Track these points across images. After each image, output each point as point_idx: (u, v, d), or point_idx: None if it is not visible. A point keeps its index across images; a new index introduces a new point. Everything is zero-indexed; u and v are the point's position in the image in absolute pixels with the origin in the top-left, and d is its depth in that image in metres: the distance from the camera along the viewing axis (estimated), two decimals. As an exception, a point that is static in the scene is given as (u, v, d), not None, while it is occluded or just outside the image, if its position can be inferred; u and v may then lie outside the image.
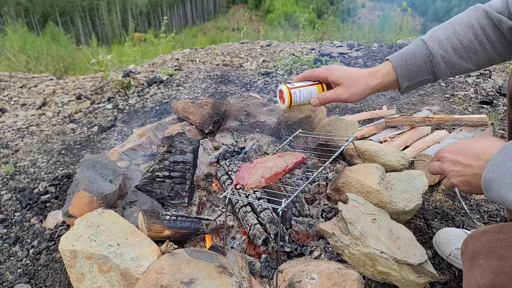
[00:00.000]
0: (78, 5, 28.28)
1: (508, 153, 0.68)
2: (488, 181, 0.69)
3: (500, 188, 0.67)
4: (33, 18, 24.12)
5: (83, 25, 28.04)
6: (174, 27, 19.64)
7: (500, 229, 0.72)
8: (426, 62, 0.99)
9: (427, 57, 0.98)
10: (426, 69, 1.00)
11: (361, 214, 1.32)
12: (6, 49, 6.38)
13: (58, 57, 7.52)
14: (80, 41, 14.51)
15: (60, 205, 1.79)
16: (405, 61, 1.00)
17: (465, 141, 0.80)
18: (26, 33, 9.05)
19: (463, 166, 0.77)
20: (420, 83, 1.04)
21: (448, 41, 0.97)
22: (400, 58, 1.01)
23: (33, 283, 1.36)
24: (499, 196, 0.67)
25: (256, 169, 1.32)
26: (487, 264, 0.67)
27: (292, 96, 1.09)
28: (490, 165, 0.69)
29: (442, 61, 0.98)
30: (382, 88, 1.04)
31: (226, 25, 27.06)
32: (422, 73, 1.01)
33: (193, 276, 1.10)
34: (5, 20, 11.87)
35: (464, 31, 0.96)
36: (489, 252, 0.69)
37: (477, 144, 0.77)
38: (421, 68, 1.00)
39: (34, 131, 2.76)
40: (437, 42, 0.98)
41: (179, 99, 3.03)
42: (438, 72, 1.00)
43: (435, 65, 0.98)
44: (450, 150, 0.81)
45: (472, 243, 0.74)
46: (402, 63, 1.01)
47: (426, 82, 1.04)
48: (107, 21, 27.80)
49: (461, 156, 0.78)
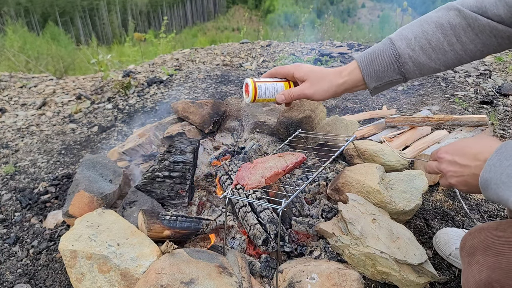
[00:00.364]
0: (78, 5, 28.28)
1: (505, 153, 0.69)
2: (486, 180, 0.70)
3: (497, 187, 0.67)
4: (33, 18, 24.11)
5: (83, 25, 28.04)
6: (174, 27, 19.64)
7: (497, 226, 0.73)
8: (393, 62, 0.95)
9: (394, 57, 0.94)
10: (393, 69, 0.96)
11: (361, 214, 1.32)
12: (6, 49, 6.38)
13: (58, 57, 7.52)
14: (80, 41, 14.51)
15: (60, 205, 1.79)
16: (371, 60, 0.97)
17: (461, 141, 0.80)
18: (26, 33, 9.05)
19: (460, 166, 0.77)
20: (389, 83, 0.99)
21: (416, 40, 0.93)
22: (366, 58, 0.98)
23: (33, 283, 1.36)
24: (496, 195, 0.68)
25: (256, 169, 1.32)
26: (484, 260, 0.68)
27: (257, 90, 1.06)
28: (487, 165, 0.70)
29: (410, 60, 0.94)
30: (348, 87, 1.00)
31: (226, 25, 27.07)
32: (390, 73, 0.96)
33: (193, 276, 1.10)
34: (5, 20, 11.88)
35: (433, 31, 0.92)
36: (486, 248, 0.70)
37: (474, 144, 0.77)
38: (388, 68, 0.96)
39: (34, 131, 2.76)
40: (405, 41, 0.94)
41: (179, 99, 3.03)
42: (406, 72, 0.95)
43: (402, 65, 0.94)
44: (447, 151, 0.80)
45: (470, 240, 0.75)
46: (368, 63, 0.97)
47: (396, 82, 0.99)
48: (107, 21, 27.80)
49: (458, 156, 0.77)
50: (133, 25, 13.17)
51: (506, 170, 0.66)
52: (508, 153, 0.68)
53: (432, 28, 0.93)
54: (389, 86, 1.00)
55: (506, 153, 0.68)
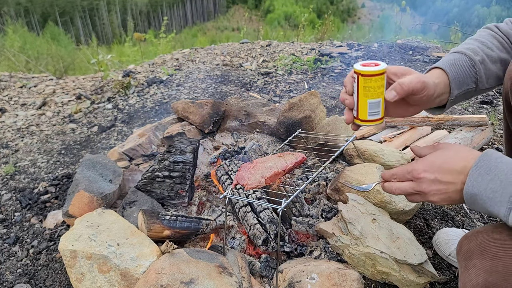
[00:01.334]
0: (78, 5, 28.29)
1: (484, 167, 0.70)
2: (471, 196, 0.71)
3: (484, 203, 0.69)
4: (33, 18, 24.12)
5: (83, 25, 28.04)
6: (174, 27, 19.65)
7: (493, 229, 0.73)
8: (470, 67, 0.90)
9: (469, 62, 0.90)
10: (470, 75, 0.91)
11: (361, 214, 1.32)
12: (6, 49, 6.38)
13: (58, 57, 7.52)
14: (80, 41, 14.51)
15: (60, 205, 1.79)
16: (452, 64, 0.90)
17: (438, 158, 0.77)
18: (26, 33, 9.05)
19: (444, 184, 0.75)
20: (465, 93, 0.93)
21: (480, 49, 0.93)
22: (447, 63, 0.91)
23: (33, 283, 1.36)
24: (485, 210, 0.70)
25: (256, 169, 1.32)
26: (481, 263, 0.68)
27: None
28: (469, 180, 0.71)
29: (481, 66, 0.91)
30: (439, 92, 0.87)
31: (226, 25, 27.07)
32: (468, 79, 0.91)
33: (193, 276, 1.10)
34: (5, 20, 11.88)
35: (490, 40, 0.94)
36: (483, 252, 0.70)
37: (454, 160, 0.75)
38: (467, 74, 0.90)
39: (34, 131, 2.76)
40: (470, 51, 0.92)
41: (179, 99, 3.03)
42: (479, 78, 0.92)
43: (477, 71, 0.91)
44: (425, 169, 0.77)
45: (466, 244, 0.75)
46: (451, 66, 0.90)
47: (469, 93, 0.93)
48: (107, 21, 27.80)
49: (441, 174, 0.75)
50: (132, 24, 13.16)
51: (489, 185, 0.68)
52: (487, 166, 0.69)
53: (489, 39, 0.95)
54: (463, 98, 0.94)
55: (485, 166, 0.70)
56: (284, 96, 3.07)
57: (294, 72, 3.67)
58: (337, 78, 3.51)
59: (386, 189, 0.85)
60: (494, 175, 0.68)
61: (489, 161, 0.70)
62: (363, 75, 0.81)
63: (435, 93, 0.85)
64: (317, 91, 2.73)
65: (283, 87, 3.26)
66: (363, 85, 0.82)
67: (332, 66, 3.77)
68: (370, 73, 0.81)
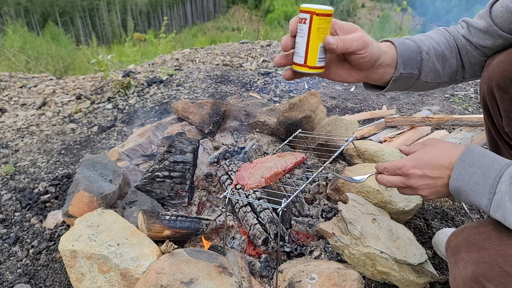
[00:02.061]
0: (78, 5, 28.28)
1: (468, 160, 0.74)
2: (455, 189, 0.76)
3: (467, 195, 0.73)
4: (33, 18, 24.11)
5: (83, 25, 28.03)
6: (174, 27, 19.65)
7: (479, 224, 0.75)
8: (417, 53, 0.89)
9: (417, 48, 0.89)
10: (416, 60, 0.89)
11: (361, 214, 1.32)
12: (6, 49, 6.38)
13: (58, 57, 7.53)
14: (80, 41, 14.51)
15: (60, 205, 1.79)
16: (401, 43, 0.88)
17: (425, 154, 0.82)
18: (26, 33, 9.06)
19: (433, 179, 0.79)
20: (407, 78, 0.90)
21: (427, 41, 0.92)
22: (397, 41, 0.88)
23: (33, 283, 1.36)
24: (469, 201, 0.74)
25: (256, 169, 1.32)
26: (468, 256, 0.70)
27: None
28: (454, 173, 0.75)
29: (427, 56, 0.90)
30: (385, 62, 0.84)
31: (226, 25, 27.07)
32: (413, 63, 0.88)
33: (193, 276, 1.10)
34: (5, 20, 11.88)
35: (438, 37, 0.94)
36: (469, 245, 0.71)
37: (441, 155, 0.79)
38: (413, 57, 0.88)
39: (34, 131, 2.76)
40: (419, 40, 0.91)
41: (179, 99, 3.03)
42: (424, 67, 0.90)
43: (423, 58, 0.89)
44: (414, 166, 0.81)
45: (454, 239, 0.77)
46: (401, 45, 0.88)
47: (411, 79, 0.90)
48: (107, 21, 27.80)
49: (429, 170, 0.80)
50: (132, 24, 13.16)
51: (472, 178, 0.72)
52: (470, 160, 0.74)
53: (438, 36, 0.95)
54: (404, 82, 0.91)
55: (469, 160, 0.74)
56: (284, 96, 3.07)
57: (294, 72, 3.66)
58: (337, 78, 3.50)
59: (378, 181, 0.90)
60: (476, 168, 0.72)
61: (472, 155, 0.74)
62: (318, 14, 0.73)
63: (379, 59, 0.81)
64: (317, 91, 2.73)
65: (283, 87, 3.26)
66: (317, 26, 0.74)
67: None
68: (326, 12, 0.73)
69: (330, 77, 0.87)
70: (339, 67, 0.85)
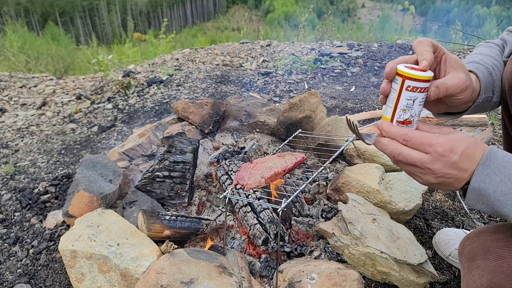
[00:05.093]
0: (78, 5, 28.28)
1: (491, 166, 0.65)
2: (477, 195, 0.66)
3: (492, 205, 0.65)
4: (33, 18, 24.10)
5: (83, 25, 28.02)
6: (174, 27, 19.65)
7: (496, 229, 0.72)
8: (489, 75, 0.84)
9: (486, 70, 0.85)
10: (490, 83, 0.84)
11: (361, 214, 1.32)
12: (6, 49, 6.38)
13: (58, 57, 7.53)
14: (80, 41, 14.51)
15: (60, 205, 1.79)
16: (481, 72, 0.84)
17: (461, 139, 0.67)
18: (26, 33, 9.05)
19: (460, 170, 0.66)
20: (484, 101, 0.85)
21: (486, 59, 0.89)
22: (476, 69, 0.84)
23: (33, 283, 1.36)
24: (492, 210, 0.65)
25: (256, 169, 1.32)
26: (485, 264, 0.68)
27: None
28: (476, 178, 0.65)
29: (494, 73, 0.86)
30: (473, 97, 0.79)
31: (226, 25, 27.07)
32: (489, 86, 0.83)
33: (193, 276, 1.10)
34: (5, 20, 11.89)
35: (490, 50, 0.93)
36: (486, 252, 0.69)
37: (474, 146, 0.67)
38: (488, 81, 0.83)
39: (34, 131, 2.76)
40: (481, 61, 0.88)
41: (179, 99, 3.03)
42: (496, 88, 0.85)
43: (494, 80, 0.85)
44: (452, 150, 0.65)
45: (469, 244, 0.74)
46: (481, 74, 0.83)
47: (486, 102, 0.86)
48: (107, 21, 27.79)
49: (462, 158, 0.66)
50: (132, 24, 13.16)
51: (499, 187, 0.63)
52: (495, 166, 0.65)
53: (488, 49, 0.93)
54: (480, 108, 0.87)
55: (493, 165, 0.65)
56: (284, 96, 3.07)
57: (294, 72, 3.67)
58: (337, 78, 3.51)
59: (383, 146, 0.72)
60: (503, 176, 0.63)
61: (496, 160, 0.65)
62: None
63: (470, 98, 0.77)
64: (317, 91, 2.73)
65: (283, 87, 3.26)
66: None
67: (332, 66, 3.77)
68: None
69: None
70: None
